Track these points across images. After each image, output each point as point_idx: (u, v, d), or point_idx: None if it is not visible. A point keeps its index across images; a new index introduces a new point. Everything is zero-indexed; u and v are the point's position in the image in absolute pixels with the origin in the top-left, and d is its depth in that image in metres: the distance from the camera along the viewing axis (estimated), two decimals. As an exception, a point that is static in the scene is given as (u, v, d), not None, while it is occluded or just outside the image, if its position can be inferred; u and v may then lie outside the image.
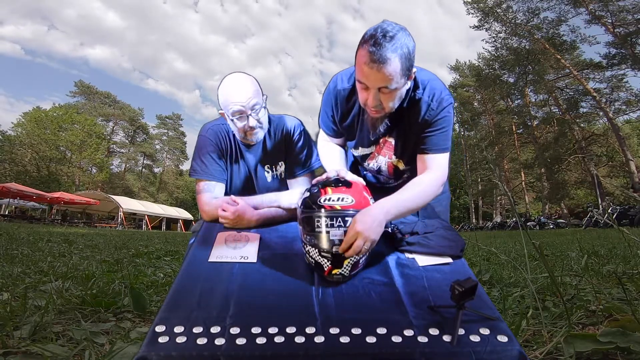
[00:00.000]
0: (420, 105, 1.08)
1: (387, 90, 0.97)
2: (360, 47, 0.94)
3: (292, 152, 1.33)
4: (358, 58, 0.96)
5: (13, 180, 23.63)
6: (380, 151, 1.23)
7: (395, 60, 0.92)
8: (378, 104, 1.00)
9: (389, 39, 0.90)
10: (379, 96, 0.99)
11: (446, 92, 1.10)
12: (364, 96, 1.01)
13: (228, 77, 1.25)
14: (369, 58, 0.91)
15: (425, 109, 1.07)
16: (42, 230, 7.51)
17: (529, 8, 22.18)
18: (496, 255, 2.51)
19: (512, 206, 1.43)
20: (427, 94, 1.07)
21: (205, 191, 1.24)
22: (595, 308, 1.11)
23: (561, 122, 22.92)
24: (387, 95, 0.99)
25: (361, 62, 0.94)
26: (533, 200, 29.24)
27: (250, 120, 1.20)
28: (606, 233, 6.05)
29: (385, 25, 0.93)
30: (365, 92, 1.00)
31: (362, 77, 0.97)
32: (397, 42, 0.91)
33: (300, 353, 0.65)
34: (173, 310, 0.74)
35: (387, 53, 0.90)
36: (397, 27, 0.94)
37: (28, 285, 1.46)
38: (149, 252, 3.52)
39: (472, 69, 30.57)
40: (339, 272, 0.86)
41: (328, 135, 1.30)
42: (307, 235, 0.91)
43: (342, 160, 1.29)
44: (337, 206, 0.90)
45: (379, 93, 0.98)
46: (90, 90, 40.81)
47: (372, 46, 0.90)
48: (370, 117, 1.10)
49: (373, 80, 0.95)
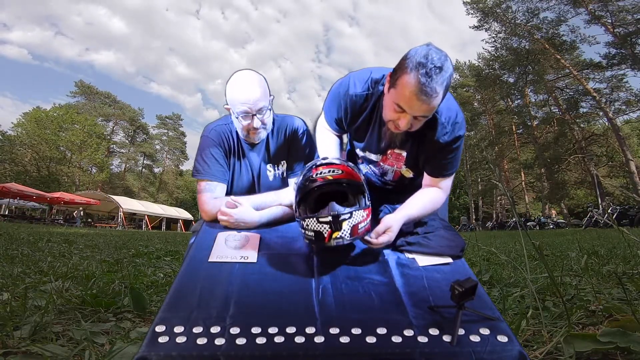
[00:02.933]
0: (436, 125, 1.07)
1: (422, 119, 0.97)
2: (407, 73, 0.90)
3: (295, 152, 1.33)
4: (403, 84, 0.91)
5: (13, 180, 23.63)
6: (386, 161, 1.23)
7: (442, 92, 0.91)
8: (409, 127, 0.99)
9: (438, 71, 0.88)
10: (412, 121, 0.98)
11: (461, 115, 1.10)
12: (396, 117, 0.99)
13: (238, 74, 1.24)
14: (418, 89, 0.89)
15: (440, 130, 1.07)
16: (42, 230, 7.51)
17: (529, 8, 22.18)
18: (496, 255, 2.51)
19: (513, 207, 1.42)
20: (444, 117, 1.07)
21: (206, 191, 1.24)
22: (595, 308, 1.11)
23: (561, 122, 22.92)
24: (420, 121, 0.99)
25: (408, 90, 0.90)
26: (533, 200, 29.23)
27: (255, 122, 1.21)
28: (606, 233, 6.05)
29: (433, 54, 0.89)
30: (397, 113, 0.98)
31: (405, 104, 0.94)
32: (445, 73, 0.90)
33: (300, 353, 0.65)
34: (173, 310, 0.74)
35: (437, 86, 0.89)
36: (444, 56, 0.91)
37: (28, 285, 1.46)
38: (149, 252, 3.52)
39: (472, 69, 30.55)
40: (339, 235, 0.90)
41: (330, 128, 1.29)
42: (304, 209, 0.97)
43: (337, 149, 1.28)
44: (329, 176, 0.95)
45: (414, 119, 0.97)
46: (91, 90, 40.79)
47: (424, 77, 0.88)
48: (390, 132, 1.09)
49: (416, 110, 0.94)
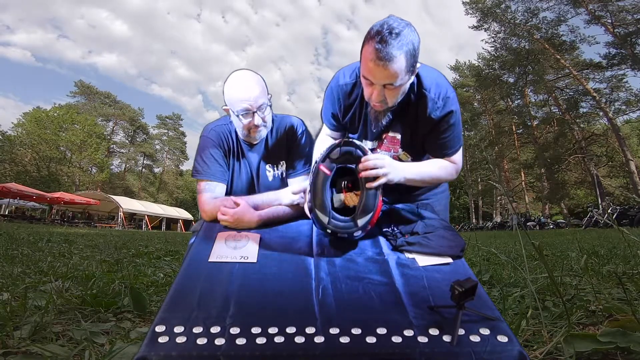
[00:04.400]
0: (426, 102, 1.09)
1: (391, 87, 0.98)
2: (366, 43, 0.94)
3: (294, 151, 1.33)
4: (364, 54, 0.96)
5: (13, 180, 23.63)
6: (382, 146, 1.23)
7: (401, 57, 0.92)
8: (382, 99, 1.01)
9: (394, 36, 0.90)
10: (383, 92, 1.00)
11: (451, 91, 1.11)
12: (369, 91, 1.02)
13: (236, 74, 1.25)
14: (375, 55, 0.91)
15: (431, 105, 1.09)
16: (42, 230, 7.51)
17: (528, 8, 22.18)
18: (496, 255, 2.51)
19: (512, 208, 1.42)
20: (434, 92, 1.08)
21: (205, 191, 1.24)
22: (595, 308, 1.11)
23: (561, 122, 22.93)
24: (392, 91, 1.00)
25: (367, 58, 0.94)
26: (533, 200, 29.23)
27: (255, 119, 1.21)
28: (606, 233, 6.05)
29: (391, 22, 0.92)
30: (369, 87, 1.01)
31: (367, 73, 0.97)
32: (403, 39, 0.91)
33: (300, 353, 0.65)
34: (173, 310, 0.74)
35: (393, 50, 0.90)
36: (403, 23, 0.93)
37: (28, 285, 1.46)
38: (149, 252, 3.52)
39: (472, 69, 30.57)
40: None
41: (330, 129, 1.31)
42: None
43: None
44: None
45: (384, 89, 0.99)
46: (91, 90, 40.82)
47: (379, 43, 0.90)
48: (374, 111, 1.11)
49: (379, 78, 0.96)
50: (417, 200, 1.33)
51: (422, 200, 1.33)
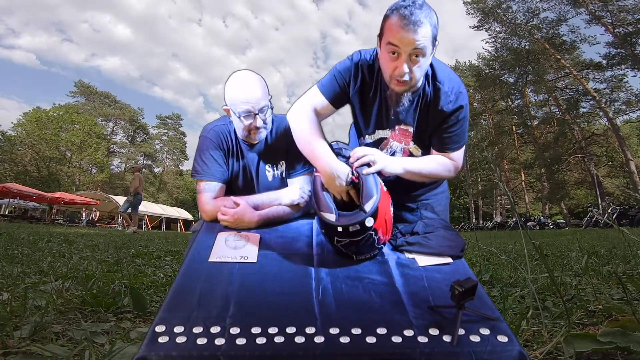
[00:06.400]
0: (440, 94, 1.10)
1: (417, 58, 0.99)
2: (391, 15, 0.98)
3: (293, 151, 1.33)
4: (389, 24, 0.98)
5: (13, 180, 23.63)
6: (394, 137, 1.22)
7: (427, 24, 0.96)
8: (407, 72, 1.01)
9: (419, 6, 0.95)
10: (409, 63, 1.00)
11: (463, 87, 1.12)
12: (393, 65, 1.02)
13: (238, 75, 1.25)
14: (403, 21, 0.95)
15: (444, 98, 1.09)
16: (42, 230, 7.51)
17: (529, 8, 22.19)
18: (496, 255, 2.51)
19: (512, 207, 1.42)
20: (447, 85, 1.10)
21: (205, 191, 1.24)
22: (595, 308, 1.11)
23: (561, 122, 22.92)
24: (417, 64, 1.01)
25: (396, 25, 0.96)
26: (533, 200, 29.23)
27: (257, 121, 1.21)
28: (606, 233, 6.05)
29: None
30: (394, 61, 1.01)
31: (396, 40, 0.98)
32: (426, 10, 0.97)
33: (300, 353, 0.65)
34: (173, 310, 0.74)
35: (421, 17, 0.95)
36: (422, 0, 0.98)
37: (28, 285, 1.45)
38: (149, 252, 3.51)
39: (472, 69, 30.56)
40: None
41: (326, 98, 1.18)
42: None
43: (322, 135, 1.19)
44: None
45: (410, 61, 1.00)
46: (90, 90, 40.81)
47: (406, 9, 0.95)
48: (394, 93, 1.09)
49: (407, 43, 0.97)
50: (417, 200, 1.32)
51: (422, 201, 1.32)
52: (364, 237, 0.91)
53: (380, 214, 0.93)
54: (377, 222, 0.92)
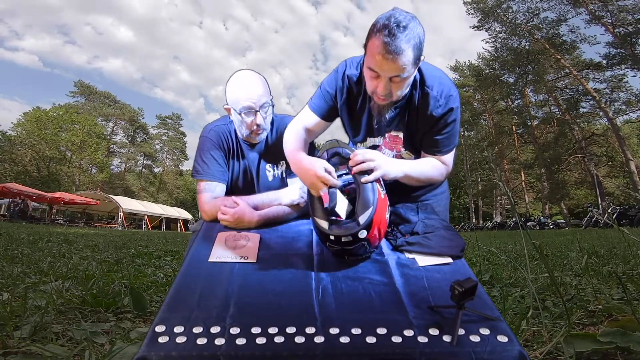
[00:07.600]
0: (428, 100, 1.09)
1: (398, 80, 0.99)
2: (373, 36, 0.95)
3: None
4: (370, 47, 0.96)
5: (13, 180, 23.64)
6: (386, 144, 1.22)
7: (409, 50, 0.93)
8: (388, 92, 1.01)
9: (402, 29, 0.91)
10: (389, 85, 1.00)
11: (454, 89, 1.11)
12: (374, 84, 1.02)
13: (239, 74, 1.25)
14: (383, 49, 0.92)
15: (433, 103, 1.09)
16: (42, 230, 7.51)
17: (529, 8, 22.18)
18: (496, 255, 2.51)
19: (513, 207, 1.42)
20: (436, 90, 1.09)
21: (205, 191, 1.24)
22: (595, 308, 1.11)
23: (561, 122, 22.92)
24: (398, 84, 1.00)
25: (375, 51, 0.94)
26: (533, 200, 29.22)
27: (258, 118, 1.22)
28: (606, 233, 6.05)
29: (397, 15, 0.93)
30: (375, 80, 1.01)
31: (375, 66, 0.97)
32: (410, 32, 0.92)
33: (300, 353, 0.65)
34: (173, 310, 0.74)
35: (402, 44, 0.91)
36: (409, 16, 0.94)
37: (28, 285, 1.46)
38: (149, 252, 3.52)
39: (472, 69, 30.56)
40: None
41: (317, 115, 1.22)
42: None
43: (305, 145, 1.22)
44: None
45: (390, 82, 0.99)
46: (90, 90, 40.82)
47: (387, 37, 0.91)
48: (377, 105, 1.09)
49: (387, 70, 0.96)
50: (417, 200, 1.32)
51: (422, 201, 1.32)
52: (355, 247, 0.92)
53: (374, 225, 0.91)
54: (369, 233, 0.91)
